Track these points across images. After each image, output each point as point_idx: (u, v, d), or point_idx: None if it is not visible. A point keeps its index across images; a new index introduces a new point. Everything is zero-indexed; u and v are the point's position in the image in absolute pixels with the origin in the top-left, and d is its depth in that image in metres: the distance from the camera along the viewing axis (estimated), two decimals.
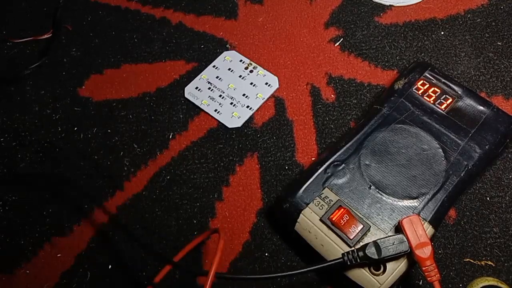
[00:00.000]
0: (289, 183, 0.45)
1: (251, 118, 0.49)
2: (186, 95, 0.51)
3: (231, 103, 0.50)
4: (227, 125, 0.48)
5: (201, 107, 0.50)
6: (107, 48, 0.55)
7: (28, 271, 0.42)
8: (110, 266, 0.42)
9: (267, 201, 0.44)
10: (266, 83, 0.51)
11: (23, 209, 0.45)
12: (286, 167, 0.46)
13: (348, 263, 0.35)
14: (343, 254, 0.35)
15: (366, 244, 0.35)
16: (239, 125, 0.48)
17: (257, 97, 0.50)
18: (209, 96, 0.50)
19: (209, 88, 0.51)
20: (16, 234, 0.44)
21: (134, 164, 0.47)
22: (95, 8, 0.58)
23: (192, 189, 0.45)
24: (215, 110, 0.49)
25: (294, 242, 0.41)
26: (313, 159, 0.46)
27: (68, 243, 0.43)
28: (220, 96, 0.50)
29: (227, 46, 0.54)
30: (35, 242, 0.44)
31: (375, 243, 0.35)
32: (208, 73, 0.52)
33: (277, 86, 0.50)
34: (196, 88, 0.51)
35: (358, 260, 0.35)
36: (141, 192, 0.45)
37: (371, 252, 0.34)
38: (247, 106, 0.49)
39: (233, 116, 0.49)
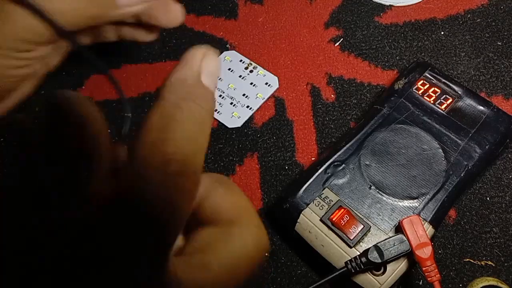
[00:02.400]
0: (289, 183, 0.45)
1: (251, 118, 0.49)
2: None
3: (231, 103, 0.50)
4: (227, 125, 0.48)
5: None
6: (107, 48, 0.54)
7: None
8: None
9: (267, 201, 0.44)
10: (266, 83, 0.51)
11: None
12: (286, 167, 0.46)
13: (353, 271, 0.35)
14: (346, 263, 0.35)
15: (368, 249, 0.35)
16: (239, 125, 0.48)
17: (257, 97, 0.50)
18: None
19: None
20: None
21: None
22: None
23: None
24: (215, 110, 0.49)
25: (294, 242, 0.41)
26: (313, 159, 0.46)
27: None
28: (220, 96, 0.50)
29: (227, 46, 0.54)
30: None
31: (376, 246, 0.35)
32: None
33: (277, 86, 0.50)
34: None
35: (362, 267, 0.35)
36: None
37: (374, 256, 0.34)
38: (247, 106, 0.49)
39: (233, 116, 0.49)
